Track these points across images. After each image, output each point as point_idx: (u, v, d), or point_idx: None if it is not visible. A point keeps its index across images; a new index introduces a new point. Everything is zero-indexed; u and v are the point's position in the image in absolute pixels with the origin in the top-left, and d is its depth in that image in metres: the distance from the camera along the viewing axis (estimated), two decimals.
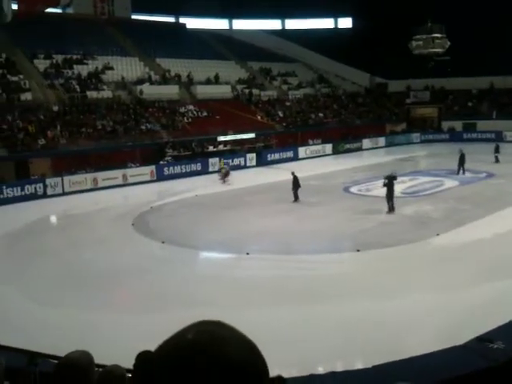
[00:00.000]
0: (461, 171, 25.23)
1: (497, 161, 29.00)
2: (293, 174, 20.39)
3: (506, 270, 11.84)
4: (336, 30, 54.04)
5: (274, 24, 53.63)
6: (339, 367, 8.02)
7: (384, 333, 9.05)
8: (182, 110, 34.87)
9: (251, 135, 34.20)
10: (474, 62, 39.84)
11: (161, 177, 27.84)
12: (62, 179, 24.57)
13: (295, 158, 34.54)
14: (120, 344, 8.26)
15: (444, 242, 14.64)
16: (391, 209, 18.02)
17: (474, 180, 24.25)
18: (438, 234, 15.17)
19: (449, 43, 37.74)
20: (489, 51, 39.39)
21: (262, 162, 32.56)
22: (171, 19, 49.44)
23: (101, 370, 2.36)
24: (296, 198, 20.19)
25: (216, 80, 40.02)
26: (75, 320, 9.92)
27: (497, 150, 29.47)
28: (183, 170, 29.02)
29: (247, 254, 14.10)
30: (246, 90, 40.73)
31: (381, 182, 18.86)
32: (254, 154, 32.83)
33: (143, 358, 0.98)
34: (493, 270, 11.93)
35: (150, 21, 45.80)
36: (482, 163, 27.89)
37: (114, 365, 2.42)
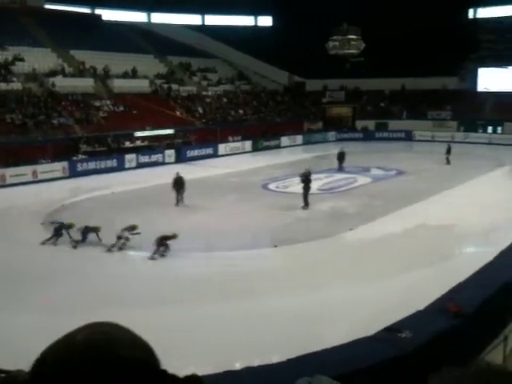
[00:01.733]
0: (341, 168, 26.14)
1: (448, 162, 28.80)
2: (177, 174, 19.54)
3: (414, 263, 12.45)
4: (256, 28, 54.42)
5: (193, 19, 53.06)
6: (256, 362, 8.05)
7: (301, 326, 9.19)
8: (98, 104, 33.66)
9: (170, 131, 33.66)
10: (387, 63, 41.69)
11: (74, 173, 26.69)
12: None
13: (215, 155, 34.44)
14: (26, 347, 7.80)
15: (357, 236, 15.15)
16: (306, 205, 18.41)
17: (385, 177, 25.34)
18: (351, 229, 15.68)
19: (364, 45, 39.17)
20: (401, 54, 41.36)
21: (181, 159, 32.12)
22: (87, 10, 47.55)
23: (3, 375, 2.15)
24: (178, 201, 19.23)
25: (133, 74, 39.01)
26: None
27: (448, 152, 29.25)
28: (98, 167, 27.98)
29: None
30: (165, 85, 40.06)
31: (298, 179, 19.21)
32: (173, 151, 32.34)
33: (39, 360, 0.93)
34: (402, 263, 12.51)
35: (64, 11, 43.62)
36: (392, 161, 29.22)
37: (18, 370, 2.22)
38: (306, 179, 18.49)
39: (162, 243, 13.48)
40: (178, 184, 19.25)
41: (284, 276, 12.02)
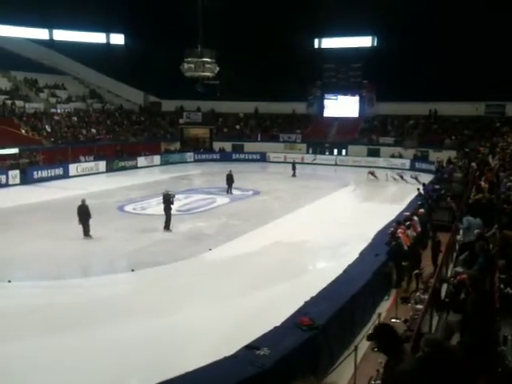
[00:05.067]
0: (230, 190, 26.77)
1: (294, 175, 33.55)
2: (82, 201, 17.38)
3: (270, 279, 12.84)
4: (108, 46, 52.93)
5: (40, 33, 50.04)
6: None
7: (161, 350, 8.93)
8: None
9: (14, 150, 31.18)
10: (241, 87, 43.16)
11: None
12: None
13: (66, 176, 32.58)
14: None
15: (216, 256, 15.24)
16: (167, 227, 18.13)
17: (243, 197, 25.98)
18: (210, 249, 15.75)
19: (218, 68, 40.04)
20: (254, 78, 43.08)
21: (27, 180, 29.86)
22: None
23: None
24: (86, 232, 17.14)
25: None
26: None
27: (294, 168, 34.08)
28: None
29: (9, 281, 12.65)
30: (9, 102, 37.14)
31: (156, 200, 18.85)
32: (18, 171, 29.93)
33: None
34: (259, 280, 12.82)
35: None
36: (248, 181, 30.12)
37: None
38: (166, 200, 18.23)
39: None
40: (84, 213, 17.15)
41: (138, 301, 11.62)
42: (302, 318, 8.05)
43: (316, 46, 50.76)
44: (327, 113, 48.19)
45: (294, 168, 34.28)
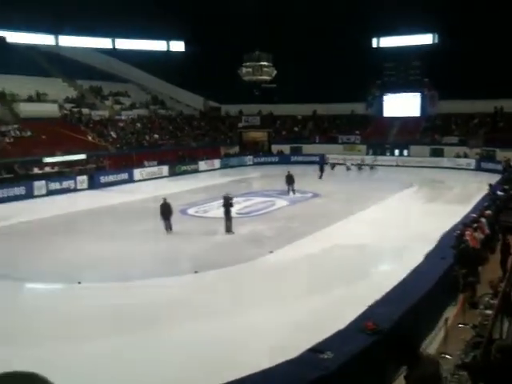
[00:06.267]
0: (290, 191, 26.81)
1: (320, 177, 33.27)
2: (164, 200, 18.67)
3: (332, 282, 12.74)
4: (169, 53, 54.37)
5: (104, 42, 52.11)
6: None
7: (224, 352, 9.05)
8: (3, 129, 31.93)
9: (82, 156, 32.54)
10: (299, 90, 43.13)
11: None
12: None
13: (131, 180, 33.68)
14: None
15: (277, 258, 15.28)
16: (229, 229, 18.37)
17: (302, 199, 25.92)
18: (271, 252, 15.81)
19: (275, 72, 40.25)
20: (311, 80, 42.94)
21: (94, 185, 31.10)
22: None
23: None
24: (168, 228, 18.41)
25: (41, 98, 37.49)
26: None
27: (321, 169, 33.69)
28: (5, 195, 26.36)
29: (79, 283, 13.19)
30: (76, 110, 38.84)
31: (217, 203, 19.15)
32: (86, 177, 31.24)
33: None
34: (321, 283, 12.75)
35: None
36: (308, 184, 30.02)
37: None
38: (226, 203, 18.49)
39: None
40: (166, 210, 18.42)
41: (206, 301, 11.83)
42: (366, 322, 7.95)
43: (374, 45, 50.06)
44: (387, 113, 47.31)
45: (321, 168, 34.03)
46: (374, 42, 50.17)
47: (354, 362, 7.13)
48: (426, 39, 47.15)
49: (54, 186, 29.10)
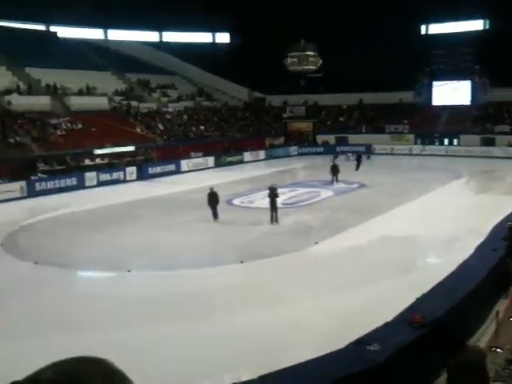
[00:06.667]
0: (335, 182, 26.61)
1: (357, 169, 31.76)
2: (211, 189, 19.24)
3: (378, 274, 12.60)
4: (214, 45, 54.73)
5: (151, 36, 53.00)
6: (226, 381, 7.95)
7: (270, 342, 9.14)
8: (55, 121, 33.01)
9: (131, 148, 33.28)
10: (344, 79, 42.55)
11: (32, 193, 25.98)
12: None
13: (178, 172, 34.23)
14: None
15: (322, 249, 15.25)
16: (274, 219, 18.44)
17: (348, 190, 25.68)
18: (316, 243, 15.77)
19: (321, 61, 39.87)
20: (357, 69, 42.30)
21: (142, 176, 31.80)
22: (41, 27, 46.82)
23: None
24: (215, 216, 18.97)
25: (91, 91, 38.52)
26: None
27: (358, 159, 32.60)
28: (57, 186, 27.34)
29: (129, 271, 13.58)
30: (124, 102, 39.70)
31: (262, 193, 19.24)
32: (135, 168, 31.96)
33: None
34: (367, 275, 12.63)
35: (18, 28, 42.88)
36: (353, 174, 29.71)
37: None
38: (272, 194, 18.55)
39: None
40: (212, 199, 19.02)
41: (250, 291, 11.96)
42: (414, 315, 7.86)
43: (423, 32, 48.82)
44: (436, 101, 46.10)
45: (358, 159, 32.78)
46: (423, 29, 48.91)
47: (401, 355, 7.08)
48: (477, 25, 45.59)
49: (105, 177, 29.94)
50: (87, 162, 30.78)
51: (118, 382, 0.95)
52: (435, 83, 46.34)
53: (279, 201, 19.15)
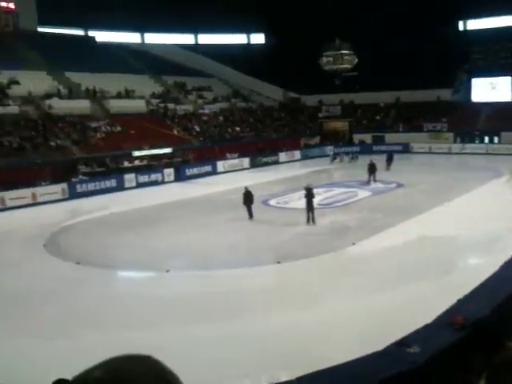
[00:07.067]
0: (372, 181, 26.34)
1: (387, 169, 31.19)
2: (246, 188, 19.70)
3: (418, 275, 12.41)
4: (249, 46, 54.97)
5: (186, 38, 53.67)
6: (263, 381, 8.01)
7: (307, 343, 9.14)
8: (94, 124, 33.81)
9: (168, 150, 33.77)
10: (380, 77, 42.04)
11: (73, 195, 26.70)
12: None
13: (214, 173, 34.52)
14: (38, 371, 7.75)
15: (360, 250, 15.12)
16: (311, 220, 18.39)
17: (385, 190, 25.37)
18: (354, 243, 15.66)
19: (356, 60, 39.53)
20: (394, 67, 41.73)
21: (180, 177, 32.21)
22: (80, 32, 48.07)
23: None
24: (250, 215, 19.38)
25: (129, 94, 39.27)
26: None
27: (389, 159, 32.05)
28: (97, 187, 28.00)
29: (167, 271, 13.80)
30: (161, 105, 40.29)
31: (298, 194, 19.22)
32: (172, 169, 32.40)
33: None
34: (406, 276, 12.47)
35: (57, 33, 44.16)
36: (391, 173, 29.34)
37: None
38: (308, 194, 18.51)
39: None
40: (247, 198, 19.41)
41: (287, 292, 11.97)
42: (455, 317, 7.73)
43: (461, 28, 47.81)
44: (475, 98, 45.03)
45: (390, 159, 32.13)
46: (461, 25, 47.90)
47: (442, 357, 6.98)
48: None
49: (143, 178, 30.48)
50: (126, 163, 31.40)
51: (171, 381, 0.94)
52: (474, 80, 45.28)
53: (315, 201, 19.10)
